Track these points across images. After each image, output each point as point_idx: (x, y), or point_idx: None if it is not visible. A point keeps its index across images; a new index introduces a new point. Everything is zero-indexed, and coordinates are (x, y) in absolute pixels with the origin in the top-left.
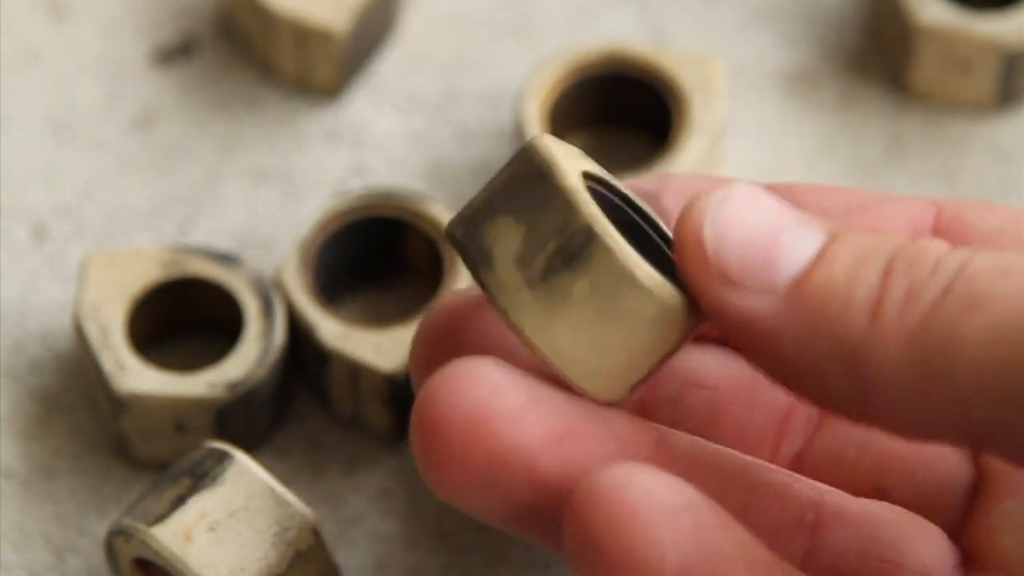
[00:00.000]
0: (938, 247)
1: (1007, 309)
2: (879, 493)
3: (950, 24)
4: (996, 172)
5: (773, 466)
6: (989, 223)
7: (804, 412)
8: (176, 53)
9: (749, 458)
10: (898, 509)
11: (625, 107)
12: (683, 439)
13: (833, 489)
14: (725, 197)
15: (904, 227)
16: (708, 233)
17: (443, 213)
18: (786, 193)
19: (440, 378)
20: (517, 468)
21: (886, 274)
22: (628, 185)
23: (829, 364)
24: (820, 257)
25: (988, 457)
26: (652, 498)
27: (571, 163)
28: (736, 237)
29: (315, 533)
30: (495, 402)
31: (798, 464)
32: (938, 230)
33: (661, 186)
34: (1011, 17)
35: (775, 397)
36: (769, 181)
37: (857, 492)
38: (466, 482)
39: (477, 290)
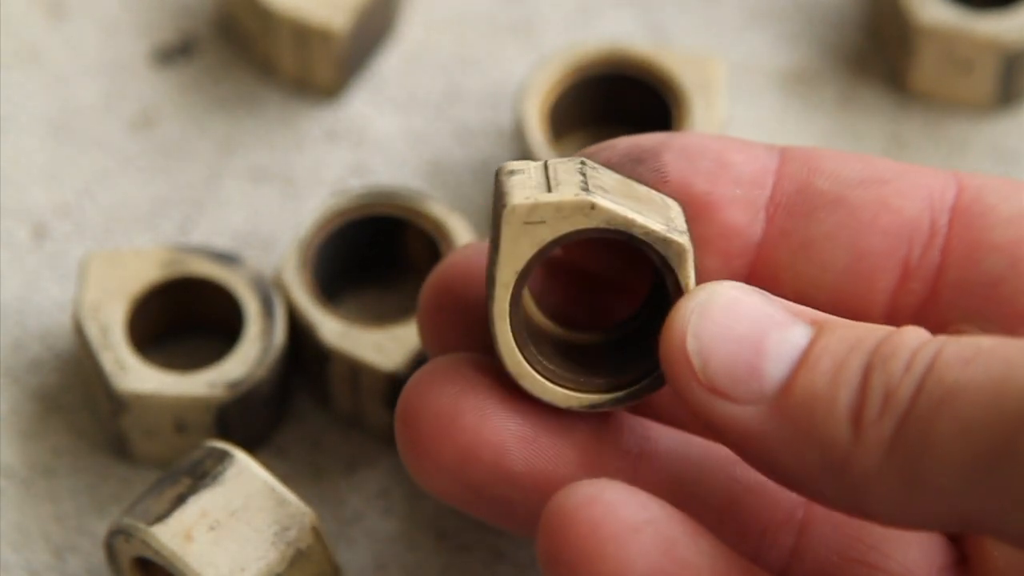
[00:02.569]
0: (914, 338)
1: (973, 402)
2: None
3: (950, 24)
4: (996, 172)
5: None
6: (1010, 206)
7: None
8: (176, 53)
9: (736, 456)
10: None
11: (625, 107)
12: (666, 437)
13: None
14: (705, 305)
15: (920, 204)
16: (692, 347)
17: (443, 212)
18: (804, 156)
19: (420, 374)
20: (484, 462)
21: (865, 376)
22: (631, 139)
23: (819, 471)
24: (804, 359)
25: None
26: (618, 514)
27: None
28: (720, 350)
29: (315, 532)
30: (465, 399)
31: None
32: (958, 209)
33: (662, 143)
34: (1011, 17)
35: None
36: (788, 143)
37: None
38: (438, 473)
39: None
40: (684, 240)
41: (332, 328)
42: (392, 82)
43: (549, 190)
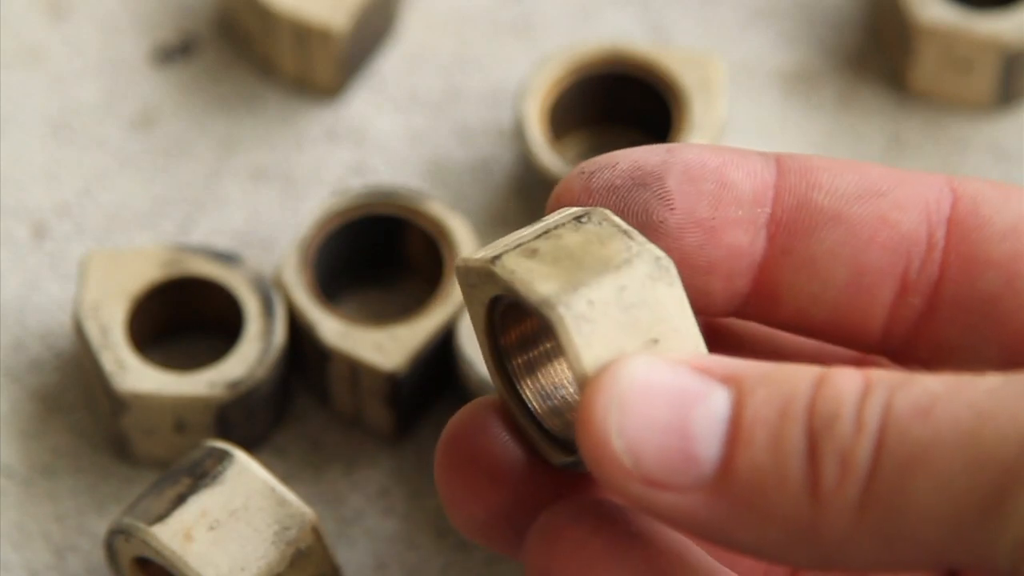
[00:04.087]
0: (850, 388)
1: (948, 457)
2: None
3: (950, 24)
4: (996, 172)
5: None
6: (1005, 219)
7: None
8: (176, 53)
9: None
10: None
11: (625, 107)
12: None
13: None
14: (623, 397)
15: (918, 217)
16: (619, 447)
17: (443, 211)
18: (800, 167)
19: (456, 418)
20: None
21: (811, 444)
22: (631, 157)
23: (785, 544)
24: (736, 434)
25: None
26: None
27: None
28: (648, 443)
29: (315, 532)
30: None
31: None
32: (954, 221)
33: (664, 164)
34: (1011, 17)
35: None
36: (786, 151)
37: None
38: (483, 520)
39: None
40: (559, 311)
41: (332, 328)
42: (392, 82)
43: (500, 247)
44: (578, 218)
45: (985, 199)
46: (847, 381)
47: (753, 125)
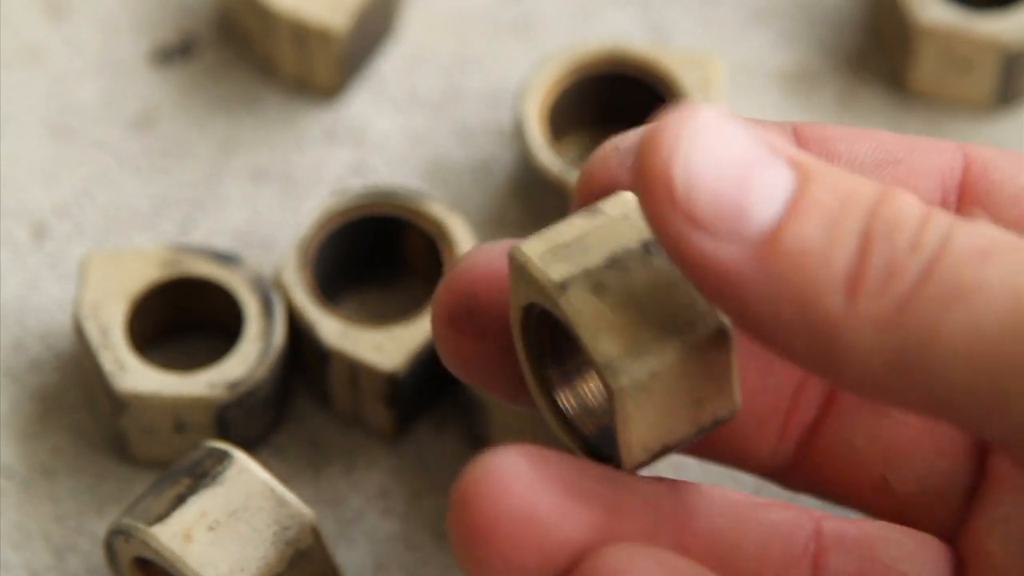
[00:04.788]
0: (915, 209)
1: (988, 304)
2: (882, 484)
3: (950, 24)
4: None
5: (779, 501)
6: (1018, 182)
7: (817, 382)
8: (176, 53)
9: (760, 500)
10: (893, 528)
11: (625, 107)
12: (703, 497)
13: (829, 515)
14: (695, 132)
15: (933, 183)
16: (678, 174)
17: (443, 212)
18: (818, 136)
19: (474, 476)
20: (563, 559)
21: (864, 242)
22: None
23: (795, 328)
24: (793, 207)
25: (994, 460)
26: None
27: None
28: (708, 181)
29: (315, 532)
30: (536, 498)
31: (807, 447)
32: (965, 187)
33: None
34: (1011, 17)
35: (788, 366)
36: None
37: (860, 482)
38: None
39: (500, 246)
40: (624, 382)
41: (332, 328)
42: (392, 82)
43: (559, 252)
44: (646, 247)
45: (996, 165)
46: (911, 201)
47: None
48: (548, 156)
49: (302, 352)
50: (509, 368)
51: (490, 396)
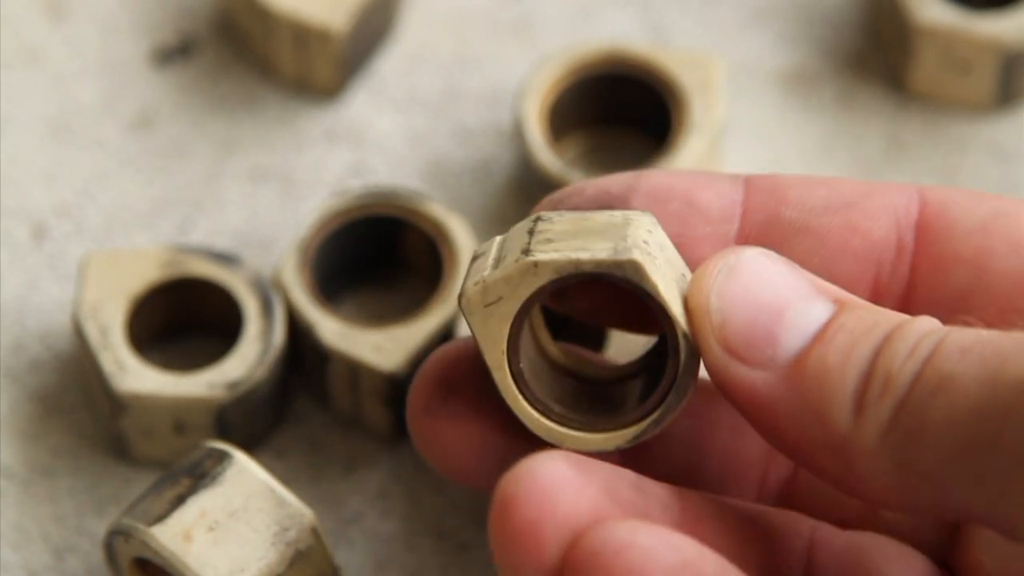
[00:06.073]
0: (923, 326)
1: (964, 392)
2: (868, 513)
3: (950, 24)
4: (996, 172)
5: (772, 509)
6: (972, 219)
7: None
8: (175, 53)
9: (752, 506)
10: (881, 538)
11: (625, 107)
12: (693, 494)
13: (823, 524)
14: (733, 267)
15: (887, 223)
16: (714, 305)
17: (442, 212)
18: (769, 185)
19: (518, 480)
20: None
21: (874, 358)
22: (599, 183)
23: (820, 446)
24: (821, 334)
25: None
26: (654, 559)
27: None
28: (741, 312)
29: (314, 533)
30: (581, 505)
31: (789, 491)
32: (922, 225)
33: (630, 188)
34: (1011, 17)
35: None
36: (755, 172)
37: (849, 517)
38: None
39: (469, 339)
40: (635, 255)
41: (331, 328)
42: (392, 82)
43: (497, 266)
44: (535, 220)
45: (953, 202)
46: (926, 321)
47: (752, 126)
48: (548, 156)
49: (302, 352)
50: (487, 453)
51: (471, 488)
